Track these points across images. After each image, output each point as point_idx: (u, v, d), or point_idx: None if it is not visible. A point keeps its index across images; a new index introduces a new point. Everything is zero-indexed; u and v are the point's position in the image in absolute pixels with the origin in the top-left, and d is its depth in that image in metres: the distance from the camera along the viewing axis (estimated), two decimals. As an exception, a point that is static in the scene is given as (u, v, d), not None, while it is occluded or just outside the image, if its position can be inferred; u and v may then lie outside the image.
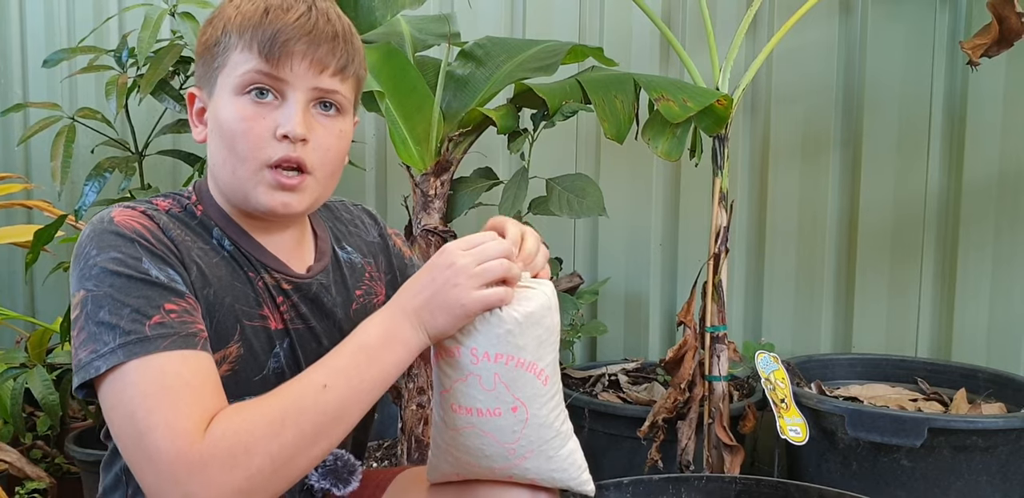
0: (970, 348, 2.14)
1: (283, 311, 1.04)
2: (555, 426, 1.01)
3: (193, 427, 0.83)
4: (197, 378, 0.87)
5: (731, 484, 1.62)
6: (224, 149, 0.99)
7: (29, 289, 3.27)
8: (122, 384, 0.85)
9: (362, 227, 1.23)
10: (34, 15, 3.18)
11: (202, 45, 1.02)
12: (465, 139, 1.90)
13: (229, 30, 0.98)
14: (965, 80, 2.11)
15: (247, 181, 0.99)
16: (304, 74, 0.98)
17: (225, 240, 1.02)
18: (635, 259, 2.47)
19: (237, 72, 0.98)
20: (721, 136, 1.82)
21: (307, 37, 0.97)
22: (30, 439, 2.41)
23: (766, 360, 1.80)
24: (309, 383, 0.89)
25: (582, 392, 2.13)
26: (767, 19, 2.26)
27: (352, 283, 1.15)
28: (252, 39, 0.97)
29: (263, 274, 1.03)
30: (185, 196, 1.05)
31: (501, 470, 1.02)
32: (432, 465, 1.08)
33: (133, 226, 0.93)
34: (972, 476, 1.70)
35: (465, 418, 0.99)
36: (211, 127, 1.01)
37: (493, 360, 0.96)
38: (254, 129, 0.97)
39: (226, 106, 0.98)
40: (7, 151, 3.29)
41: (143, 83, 2.11)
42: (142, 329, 0.87)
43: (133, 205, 0.98)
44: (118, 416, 0.85)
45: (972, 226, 2.11)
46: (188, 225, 1.01)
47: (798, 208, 2.28)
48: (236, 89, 0.98)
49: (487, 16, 2.54)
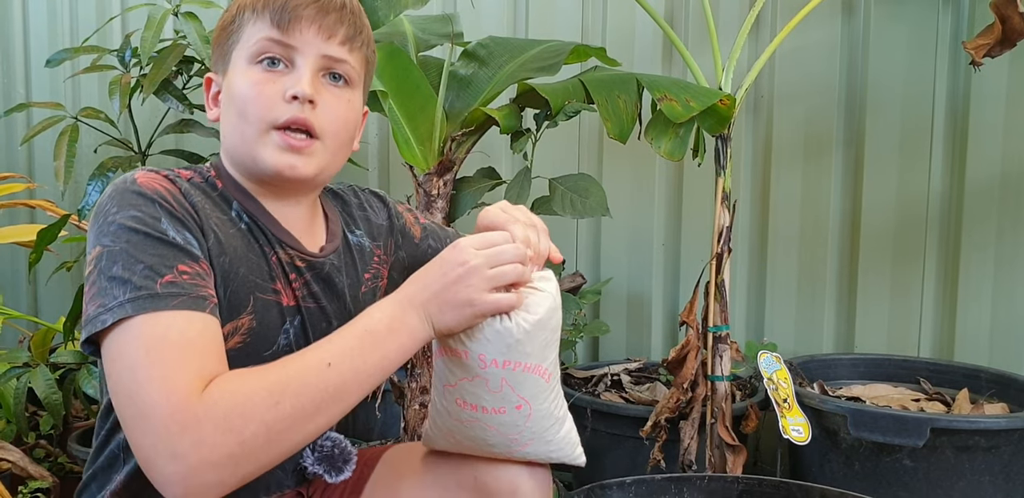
0: (972, 348, 2.14)
1: (295, 288, 1.06)
2: (555, 414, 1.03)
3: (191, 385, 0.82)
4: (202, 339, 0.87)
5: (734, 484, 1.62)
6: (235, 116, 1.01)
7: (32, 288, 3.28)
8: (126, 337, 0.85)
9: (371, 210, 1.24)
10: (37, 15, 3.19)
11: (219, 29, 1.06)
12: (468, 139, 1.90)
13: (244, 8, 1.03)
14: (968, 80, 2.11)
15: (255, 143, 1.01)
16: (312, 40, 1.01)
17: (244, 214, 1.03)
18: (637, 259, 2.47)
19: (250, 42, 1.01)
20: (724, 136, 1.82)
21: (315, 4, 1.01)
22: (33, 438, 2.41)
23: (769, 360, 1.80)
24: (314, 359, 0.89)
25: (585, 392, 2.13)
26: (770, 19, 2.26)
27: (361, 267, 1.16)
28: (264, 9, 1.01)
29: (278, 250, 1.04)
30: (206, 169, 1.06)
31: (502, 454, 1.04)
32: (429, 436, 1.10)
33: (155, 188, 0.94)
34: (975, 476, 1.70)
35: (470, 413, 1.00)
36: (224, 101, 1.04)
37: (501, 367, 0.97)
38: (264, 92, 1.00)
39: (239, 76, 1.02)
40: (10, 151, 3.29)
41: (146, 83, 2.11)
42: (153, 286, 0.87)
43: (157, 169, 0.99)
44: (116, 370, 0.85)
45: (974, 226, 2.11)
46: (208, 195, 1.02)
47: (800, 208, 2.28)
48: (249, 59, 1.01)
49: (490, 16, 2.54)
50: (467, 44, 2.02)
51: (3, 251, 3.26)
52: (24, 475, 2.08)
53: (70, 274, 2.83)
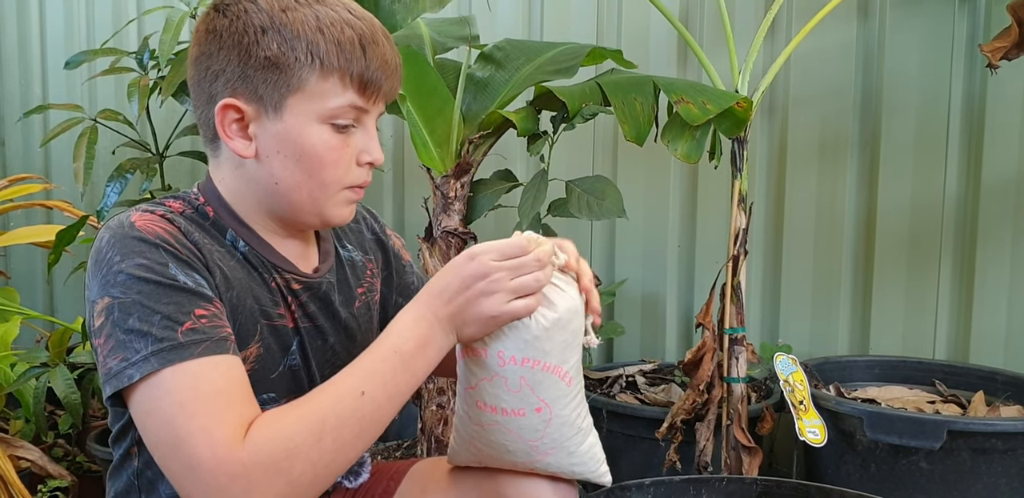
0: (988, 350, 2.13)
1: (293, 310, 1.06)
2: (577, 424, 1.03)
3: (231, 434, 0.83)
4: (231, 384, 0.87)
5: (752, 486, 1.63)
6: (302, 173, 0.99)
7: (49, 288, 3.30)
8: (158, 392, 0.85)
9: (362, 223, 1.24)
10: (54, 18, 3.22)
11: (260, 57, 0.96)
12: (485, 141, 1.91)
13: (316, 54, 0.96)
14: (984, 83, 2.10)
15: (326, 202, 1.02)
16: (381, 105, 1.03)
17: (239, 242, 1.02)
18: (652, 260, 2.48)
19: (329, 104, 0.97)
20: (740, 138, 1.82)
21: (393, 73, 1.01)
22: (52, 438, 2.43)
23: (785, 362, 1.80)
24: (347, 389, 0.89)
25: (600, 393, 2.13)
26: (786, 22, 2.27)
27: (354, 282, 1.17)
28: (351, 72, 0.97)
29: (275, 275, 1.04)
30: (193, 197, 1.04)
31: (523, 464, 1.04)
32: (454, 450, 1.10)
33: (156, 231, 0.92)
34: (991, 479, 1.70)
35: (490, 415, 1.00)
36: (277, 149, 0.98)
37: (520, 364, 0.97)
38: (343, 158, 1.00)
39: (309, 133, 0.98)
40: (28, 152, 3.32)
41: (164, 85, 2.13)
42: (175, 336, 0.87)
43: (150, 209, 0.97)
44: (154, 425, 0.85)
45: (990, 228, 2.11)
46: (203, 227, 1.01)
47: (816, 210, 2.28)
48: (320, 118, 0.98)
49: (505, 18, 2.55)
50: (483, 47, 2.03)
51: (20, 251, 3.29)
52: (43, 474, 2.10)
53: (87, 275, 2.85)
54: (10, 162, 3.37)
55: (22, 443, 2.15)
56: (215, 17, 0.98)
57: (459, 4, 2.60)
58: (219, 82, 0.98)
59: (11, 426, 2.44)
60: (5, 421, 2.44)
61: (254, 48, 0.96)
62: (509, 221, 2.35)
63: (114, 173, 2.21)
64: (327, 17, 0.96)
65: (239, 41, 0.96)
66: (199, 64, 1.00)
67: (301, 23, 0.95)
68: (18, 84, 3.33)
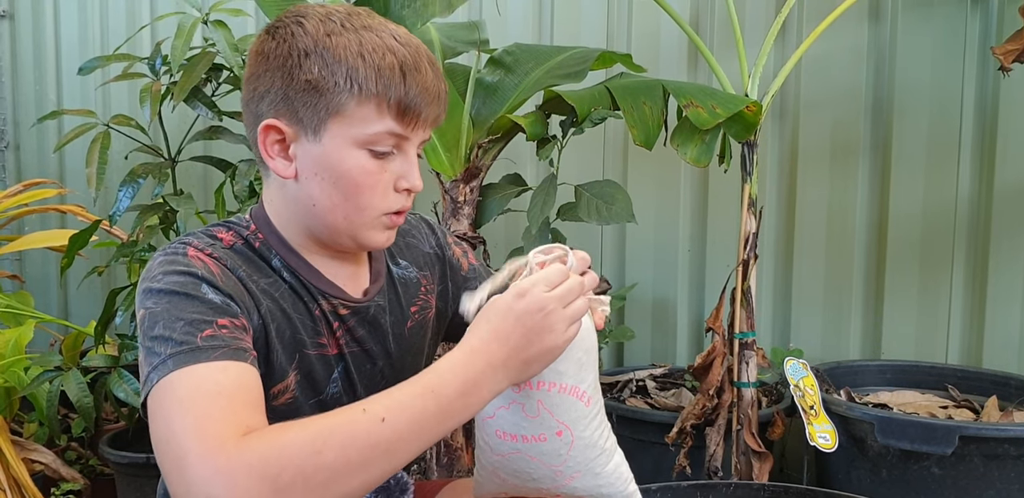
0: (1001, 355, 2.12)
1: (339, 336, 1.05)
2: (600, 444, 1.00)
3: (223, 432, 0.81)
4: (237, 389, 0.86)
5: (760, 491, 1.62)
6: (339, 196, 1.00)
7: (63, 292, 3.32)
8: (164, 392, 0.85)
9: (419, 237, 1.22)
10: (68, 24, 3.25)
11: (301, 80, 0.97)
12: (494, 146, 1.91)
13: (355, 79, 0.96)
14: (996, 86, 2.09)
15: (362, 226, 1.02)
16: (422, 132, 1.02)
17: (285, 269, 1.03)
18: (663, 265, 2.47)
19: (367, 130, 0.98)
20: (750, 142, 1.82)
21: (436, 101, 1.00)
22: (65, 441, 2.45)
23: (795, 367, 1.79)
24: (365, 412, 0.84)
25: (610, 397, 2.13)
26: (796, 25, 2.26)
27: (406, 301, 1.15)
28: (388, 99, 0.97)
29: (320, 301, 1.04)
30: (243, 225, 1.05)
31: (549, 490, 1.02)
32: (478, 483, 1.08)
33: (205, 263, 0.96)
34: (1004, 485, 1.69)
35: (510, 444, 0.98)
36: (315, 171, 0.99)
37: (536, 388, 0.95)
38: (380, 183, 1.00)
39: (346, 158, 0.98)
40: (41, 156, 3.35)
41: (176, 90, 2.14)
42: (194, 340, 0.87)
43: (202, 247, 0.99)
44: (155, 423, 0.85)
45: (1003, 232, 2.10)
46: (250, 259, 1.02)
47: (827, 214, 2.27)
48: (359, 143, 0.98)
49: (515, 23, 2.55)
50: (493, 51, 2.04)
51: (34, 255, 3.31)
52: (56, 477, 2.12)
53: (100, 279, 2.87)
54: (25, 166, 3.40)
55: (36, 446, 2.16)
56: (265, 40, 1.01)
57: (469, 8, 2.60)
58: (264, 103, 1.00)
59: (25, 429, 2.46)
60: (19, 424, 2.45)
61: (296, 71, 0.97)
62: (518, 225, 2.35)
63: (127, 178, 2.22)
64: (371, 43, 0.97)
65: (283, 63, 0.98)
66: (248, 85, 1.02)
67: (344, 48, 0.96)
68: (33, 89, 3.36)
